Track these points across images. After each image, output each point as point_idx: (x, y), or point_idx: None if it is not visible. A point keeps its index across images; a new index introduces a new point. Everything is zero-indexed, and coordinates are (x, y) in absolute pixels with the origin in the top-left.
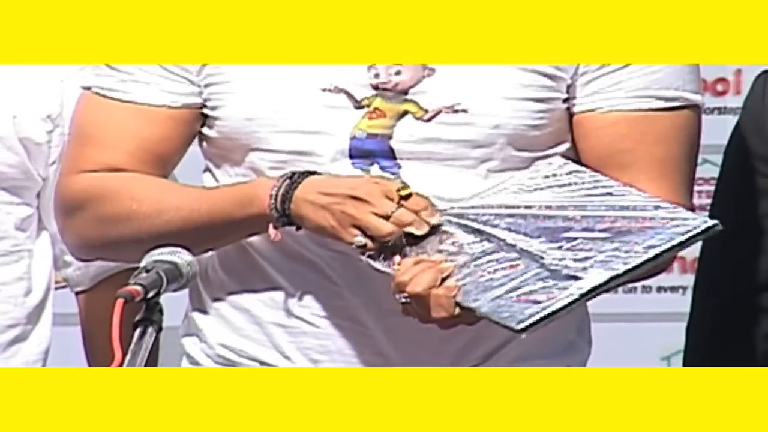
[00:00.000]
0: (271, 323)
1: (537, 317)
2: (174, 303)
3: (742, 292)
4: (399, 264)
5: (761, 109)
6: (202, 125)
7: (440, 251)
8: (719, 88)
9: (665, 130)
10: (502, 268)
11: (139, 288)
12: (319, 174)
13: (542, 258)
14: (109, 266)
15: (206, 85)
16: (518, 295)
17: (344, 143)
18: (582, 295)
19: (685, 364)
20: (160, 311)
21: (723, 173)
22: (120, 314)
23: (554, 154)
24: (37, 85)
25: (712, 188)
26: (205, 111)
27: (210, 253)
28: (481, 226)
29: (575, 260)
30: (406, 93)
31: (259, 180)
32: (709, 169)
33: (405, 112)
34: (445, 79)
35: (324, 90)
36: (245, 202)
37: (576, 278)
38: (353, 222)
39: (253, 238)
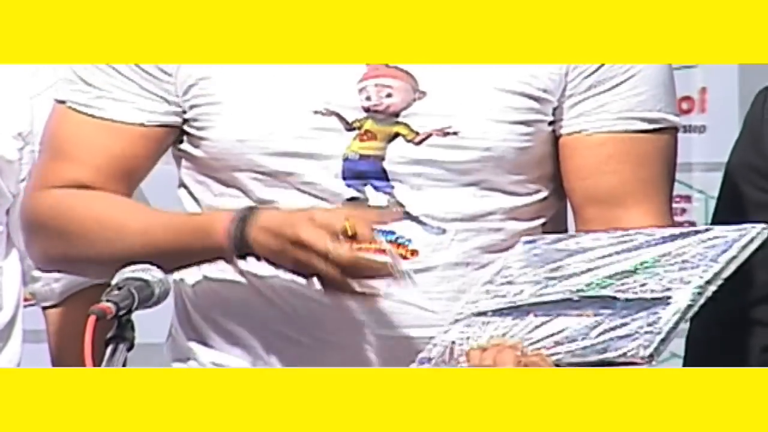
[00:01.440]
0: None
1: (657, 341)
2: (147, 319)
3: (739, 305)
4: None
5: (760, 125)
6: (179, 142)
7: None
8: (684, 106)
9: (649, 151)
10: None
11: (110, 305)
12: (272, 207)
13: (614, 298)
14: (77, 281)
15: (192, 106)
16: (614, 336)
17: (337, 165)
18: (683, 312)
19: None
20: (132, 328)
21: (723, 187)
22: (92, 331)
23: (539, 175)
24: (8, 103)
25: (680, 205)
26: (190, 130)
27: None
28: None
29: (653, 289)
30: (397, 115)
31: (214, 214)
32: (675, 186)
33: (396, 135)
34: (435, 102)
35: (315, 112)
36: (203, 235)
37: (664, 300)
38: (306, 268)
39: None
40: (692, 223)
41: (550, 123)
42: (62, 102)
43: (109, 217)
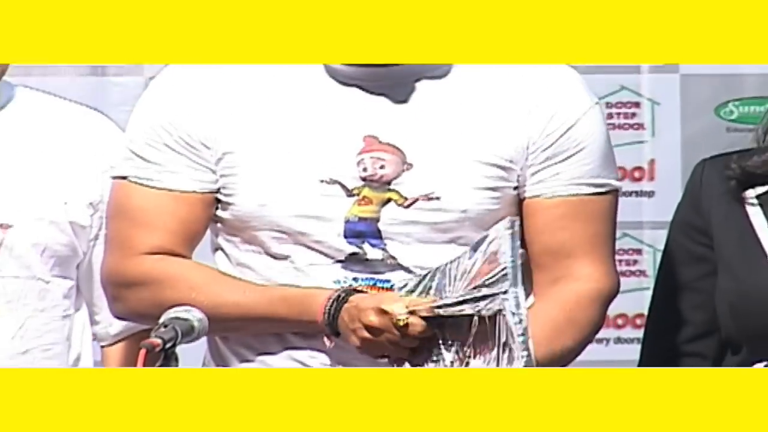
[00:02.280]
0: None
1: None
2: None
3: (682, 341)
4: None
5: (698, 190)
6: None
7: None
8: (636, 175)
9: (595, 210)
10: None
11: (158, 340)
12: (359, 291)
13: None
14: (128, 326)
15: (222, 176)
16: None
17: (339, 226)
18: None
19: None
20: (176, 359)
21: (668, 241)
22: (143, 361)
23: None
24: (83, 176)
25: (632, 257)
26: (220, 197)
27: None
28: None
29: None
30: (389, 184)
31: (311, 292)
32: (628, 241)
33: (388, 200)
34: (421, 172)
35: (321, 181)
36: (301, 310)
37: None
38: (372, 348)
39: None
40: (643, 272)
41: (515, 188)
42: (124, 178)
43: (203, 284)
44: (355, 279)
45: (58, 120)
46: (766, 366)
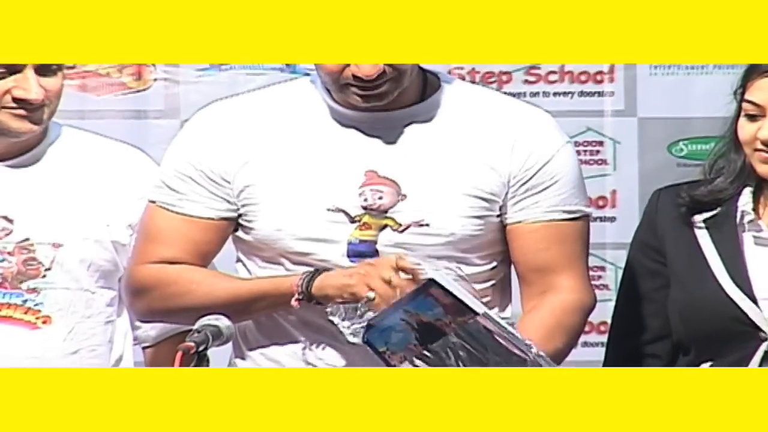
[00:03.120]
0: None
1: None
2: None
3: (640, 344)
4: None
5: (654, 215)
6: (236, 230)
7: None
8: (600, 203)
9: (570, 233)
10: None
11: (192, 344)
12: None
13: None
14: (166, 330)
15: (243, 205)
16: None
17: (343, 248)
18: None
19: None
20: (207, 360)
21: (629, 259)
22: (180, 362)
23: (489, 253)
24: (123, 202)
25: (596, 273)
26: (242, 222)
27: (247, 321)
28: None
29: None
30: (386, 212)
31: (289, 274)
32: (593, 260)
33: (385, 225)
34: (413, 203)
35: (328, 210)
36: (279, 283)
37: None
38: (366, 281)
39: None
40: (606, 286)
41: (497, 216)
42: (154, 202)
43: (201, 278)
44: None
45: (100, 154)
46: (712, 365)
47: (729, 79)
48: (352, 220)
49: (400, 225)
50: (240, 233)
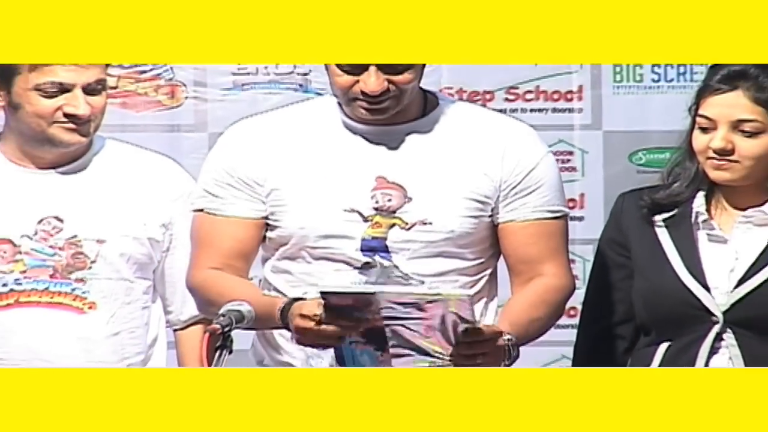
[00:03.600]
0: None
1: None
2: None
3: (607, 325)
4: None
5: (619, 216)
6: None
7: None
8: (570, 205)
9: (553, 230)
10: None
11: (218, 326)
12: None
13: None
14: (194, 315)
15: (271, 206)
16: None
17: (358, 243)
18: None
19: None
20: (231, 341)
21: (597, 253)
22: (207, 343)
23: (480, 248)
24: (157, 204)
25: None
26: (270, 222)
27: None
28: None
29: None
30: (394, 212)
31: (276, 302)
32: None
33: (394, 224)
34: (418, 204)
35: (345, 210)
36: (270, 315)
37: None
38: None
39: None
40: (575, 277)
41: (489, 216)
42: (200, 210)
43: (227, 288)
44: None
45: (138, 162)
46: (669, 345)
47: (682, 97)
48: (365, 220)
49: (407, 224)
50: (268, 232)
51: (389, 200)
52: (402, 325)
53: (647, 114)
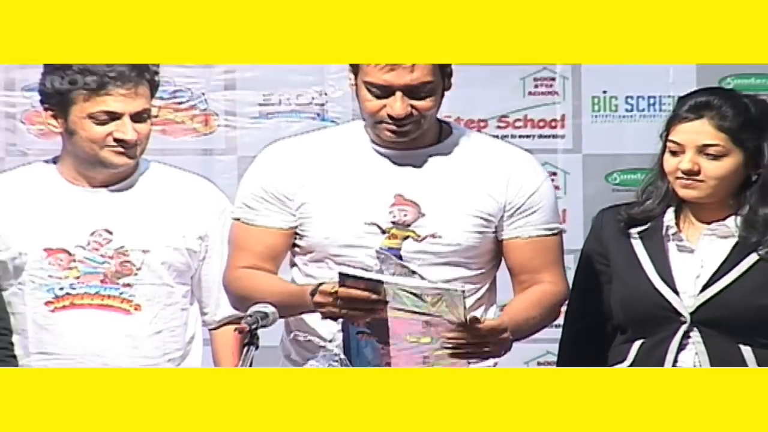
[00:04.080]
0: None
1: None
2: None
3: (588, 324)
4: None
5: (599, 228)
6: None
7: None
8: None
9: (551, 245)
10: None
11: (246, 326)
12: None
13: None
14: (226, 316)
15: (299, 218)
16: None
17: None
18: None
19: (558, 364)
20: (258, 338)
21: (580, 262)
22: (237, 341)
23: (484, 260)
24: (194, 218)
25: None
26: (299, 231)
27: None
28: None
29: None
30: (409, 226)
31: (305, 287)
32: None
33: (408, 236)
34: (430, 219)
35: (365, 223)
36: (301, 299)
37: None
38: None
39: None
40: None
41: (493, 232)
42: (238, 219)
43: (261, 287)
44: None
45: (177, 182)
46: (643, 342)
47: (652, 125)
48: (383, 232)
49: (420, 236)
50: (296, 240)
51: (405, 215)
52: (403, 318)
53: (621, 139)
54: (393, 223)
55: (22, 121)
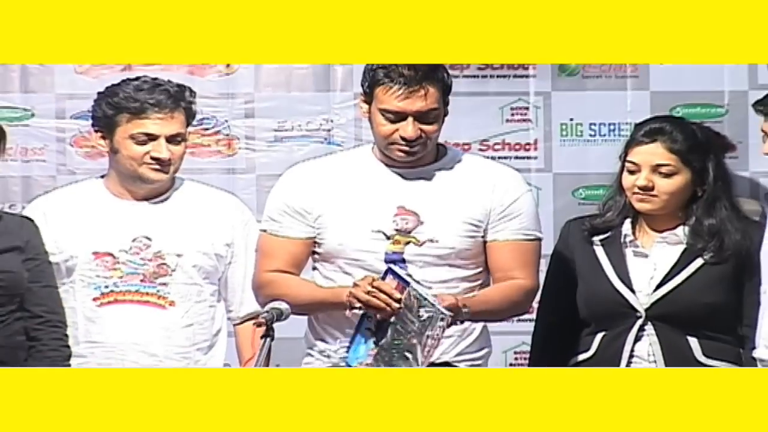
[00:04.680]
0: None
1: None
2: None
3: (557, 319)
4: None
5: (567, 237)
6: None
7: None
8: None
9: (528, 248)
10: None
11: (263, 320)
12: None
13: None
14: (248, 313)
15: (317, 228)
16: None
17: (382, 256)
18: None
19: (530, 357)
20: (273, 331)
21: (550, 265)
22: (255, 333)
23: (476, 261)
24: (222, 227)
25: None
26: (317, 240)
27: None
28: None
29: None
30: (410, 232)
31: (338, 288)
32: None
33: (409, 242)
34: (428, 226)
35: (372, 231)
36: (334, 299)
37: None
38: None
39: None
40: None
41: (482, 236)
42: (264, 230)
43: (290, 285)
44: None
45: (206, 196)
46: (604, 335)
47: (612, 147)
48: (388, 238)
49: (419, 241)
50: (315, 247)
51: (406, 223)
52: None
53: (586, 160)
54: (396, 230)
55: (71, 144)
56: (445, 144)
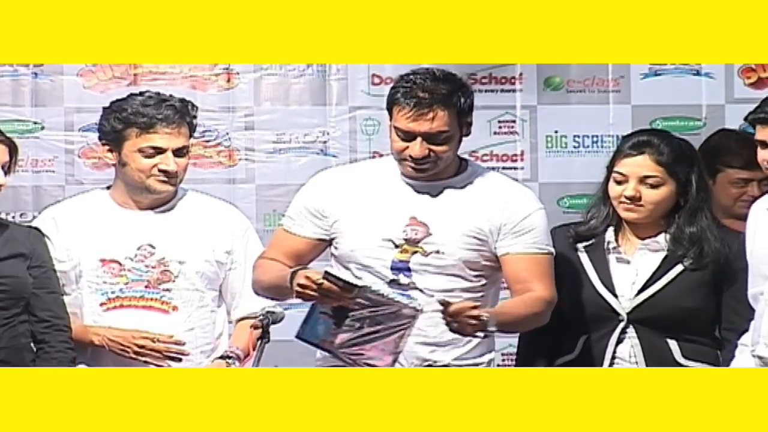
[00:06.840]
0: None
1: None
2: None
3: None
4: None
5: (552, 245)
6: (331, 247)
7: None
8: None
9: (541, 261)
10: None
11: (259, 323)
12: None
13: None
14: (245, 314)
15: (333, 233)
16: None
17: (389, 263)
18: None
19: (517, 358)
20: (268, 332)
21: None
22: (252, 335)
23: (481, 273)
24: (222, 235)
25: None
26: (334, 244)
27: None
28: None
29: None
30: (418, 243)
31: (286, 272)
32: None
33: (416, 252)
34: (436, 238)
35: (383, 239)
36: (284, 283)
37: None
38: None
39: None
40: None
41: (488, 250)
42: (281, 225)
43: (265, 274)
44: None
45: (208, 206)
46: (588, 337)
47: (597, 159)
48: (397, 247)
49: (426, 252)
50: (332, 250)
51: (416, 234)
52: (366, 316)
53: (570, 171)
54: (405, 239)
55: (79, 156)
56: (470, 160)
